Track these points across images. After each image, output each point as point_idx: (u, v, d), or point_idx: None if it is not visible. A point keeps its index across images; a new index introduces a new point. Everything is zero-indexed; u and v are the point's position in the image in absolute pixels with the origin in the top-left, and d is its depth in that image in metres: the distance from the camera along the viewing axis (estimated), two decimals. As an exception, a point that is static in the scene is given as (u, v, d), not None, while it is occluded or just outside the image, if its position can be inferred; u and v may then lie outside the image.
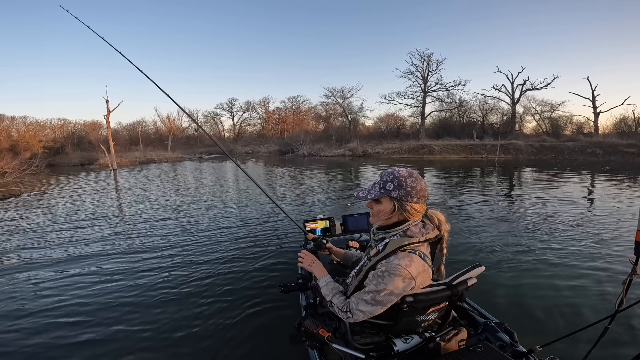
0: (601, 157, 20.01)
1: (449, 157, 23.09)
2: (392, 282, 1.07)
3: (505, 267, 3.64)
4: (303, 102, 47.40)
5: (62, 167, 25.19)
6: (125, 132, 43.90)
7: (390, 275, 1.07)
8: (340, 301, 1.24)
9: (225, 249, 4.45)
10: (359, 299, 1.16)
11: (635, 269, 1.18)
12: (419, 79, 31.83)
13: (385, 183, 1.18)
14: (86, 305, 3.02)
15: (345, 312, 1.20)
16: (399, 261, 1.08)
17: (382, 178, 1.20)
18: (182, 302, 3.01)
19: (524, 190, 9.05)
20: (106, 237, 5.21)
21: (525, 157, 21.63)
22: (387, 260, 1.11)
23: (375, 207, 1.22)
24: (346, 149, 28.55)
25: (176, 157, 33.23)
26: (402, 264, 1.07)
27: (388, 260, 1.11)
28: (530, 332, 2.38)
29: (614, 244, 4.29)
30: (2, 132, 30.04)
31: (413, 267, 1.08)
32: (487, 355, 1.17)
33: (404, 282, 1.07)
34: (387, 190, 1.17)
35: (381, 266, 1.12)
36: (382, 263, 1.12)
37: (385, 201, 1.18)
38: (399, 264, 1.07)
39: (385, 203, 1.18)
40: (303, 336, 1.43)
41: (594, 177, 11.69)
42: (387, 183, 1.17)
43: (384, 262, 1.12)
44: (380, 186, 1.19)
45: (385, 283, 1.08)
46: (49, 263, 4.12)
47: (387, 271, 1.09)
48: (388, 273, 1.08)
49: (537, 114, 31.40)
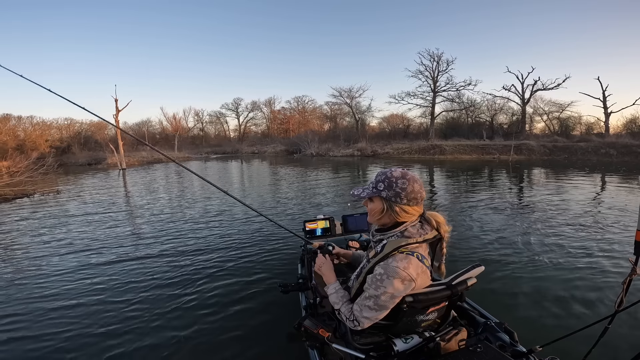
0: (615, 158, 19.80)
1: (460, 158, 22.88)
2: (391, 285, 1.06)
3: (505, 267, 3.62)
4: (308, 101, 47.34)
5: (69, 166, 25.07)
6: (131, 131, 43.89)
7: (389, 277, 1.06)
8: (348, 309, 1.22)
9: (225, 249, 4.42)
10: (362, 306, 1.14)
11: (635, 268, 1.18)
12: (429, 79, 31.66)
13: (377, 183, 1.17)
14: (90, 311, 2.94)
15: (352, 321, 1.18)
16: (396, 263, 1.07)
17: (376, 177, 1.19)
18: (182, 302, 2.99)
19: (535, 191, 8.90)
20: (118, 239, 5.11)
21: (538, 158, 21.41)
22: (385, 263, 1.10)
23: (369, 206, 1.21)
24: (355, 149, 28.38)
25: (183, 156, 33.13)
26: (400, 266, 1.06)
27: (386, 262, 1.10)
28: (530, 332, 2.35)
29: (615, 244, 4.28)
30: (8, 132, 29.97)
31: (411, 269, 1.07)
32: (487, 355, 1.16)
33: (403, 284, 1.06)
34: (378, 190, 1.16)
35: (379, 269, 1.10)
36: (380, 265, 1.11)
37: (376, 200, 1.17)
38: (397, 266, 1.06)
39: (376, 202, 1.18)
40: (303, 336, 1.42)
41: (610, 177, 11.51)
42: (379, 183, 1.16)
43: (382, 265, 1.10)
44: (372, 185, 1.19)
45: (385, 286, 1.07)
46: (71, 267, 3.95)
47: (385, 274, 1.07)
48: (387, 276, 1.07)
49: (544, 114, 31.22)
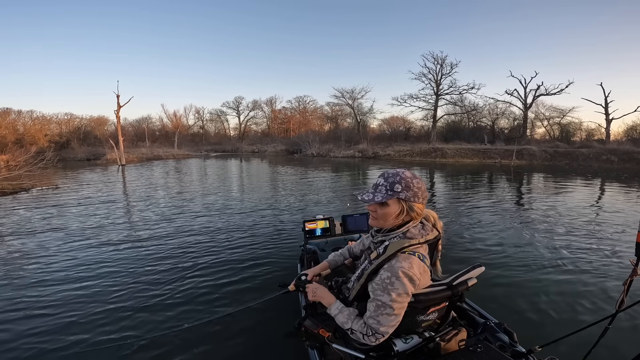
0: (616, 164, 19.77)
1: (461, 161, 22.82)
2: (401, 285, 1.06)
3: (505, 267, 3.63)
4: (309, 102, 47.29)
5: (68, 161, 24.93)
6: (130, 128, 43.70)
7: (398, 279, 1.06)
8: (361, 326, 1.16)
9: (224, 249, 4.39)
10: (379, 316, 1.10)
11: (636, 270, 1.17)
12: (432, 81, 31.60)
13: (393, 185, 1.14)
14: (89, 308, 2.89)
15: (370, 336, 1.12)
16: (400, 264, 1.08)
17: (388, 180, 1.15)
18: (181, 301, 2.96)
19: (537, 195, 8.89)
20: (115, 236, 5.04)
21: (540, 163, 21.37)
22: (390, 265, 1.10)
23: (381, 210, 1.16)
24: (356, 150, 28.30)
25: (182, 154, 33.01)
26: (405, 266, 1.07)
27: (390, 264, 1.10)
28: (530, 332, 2.35)
29: (616, 245, 4.25)
30: (8, 125, 29.76)
31: (415, 269, 1.08)
32: (487, 355, 1.16)
33: (411, 283, 1.07)
34: (396, 192, 1.13)
35: (385, 272, 1.10)
36: (385, 268, 1.11)
37: (392, 203, 1.14)
38: (401, 267, 1.07)
39: (392, 205, 1.15)
40: (303, 336, 1.41)
41: (611, 183, 11.51)
42: (395, 185, 1.14)
43: (387, 268, 1.10)
44: (387, 188, 1.15)
45: (397, 288, 1.06)
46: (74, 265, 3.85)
47: (392, 276, 1.07)
48: (395, 278, 1.07)
49: (545, 119, 31.21)
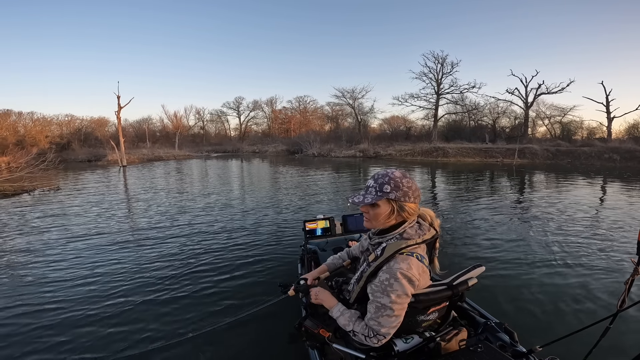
0: (618, 163, 19.75)
1: (463, 160, 22.77)
2: (400, 287, 1.07)
3: (505, 267, 3.62)
4: (310, 102, 47.21)
5: (69, 163, 24.85)
6: (131, 129, 43.64)
7: (397, 280, 1.07)
8: (362, 327, 1.17)
9: (225, 249, 4.39)
10: (380, 317, 1.10)
11: (638, 269, 1.17)
12: (433, 81, 31.55)
13: (382, 185, 1.14)
14: (89, 310, 2.87)
15: (372, 338, 1.13)
16: (399, 265, 1.08)
17: (377, 181, 1.16)
18: (181, 301, 2.98)
19: (539, 194, 8.82)
20: (115, 236, 5.03)
21: (542, 162, 21.32)
22: (388, 267, 1.10)
23: (372, 211, 1.17)
24: (357, 150, 28.25)
25: (183, 154, 32.97)
26: (403, 267, 1.07)
27: (388, 266, 1.10)
28: (530, 332, 2.35)
29: (618, 244, 4.23)
30: (9, 127, 29.75)
31: (414, 270, 1.08)
32: (488, 355, 1.16)
33: (410, 284, 1.08)
34: (385, 192, 1.14)
35: (383, 274, 1.10)
36: (384, 270, 1.11)
37: (382, 204, 1.15)
38: (400, 268, 1.07)
39: (383, 206, 1.15)
40: (303, 336, 1.41)
41: (614, 182, 11.46)
42: (384, 185, 1.14)
43: (385, 269, 1.11)
44: (376, 189, 1.15)
45: (396, 289, 1.07)
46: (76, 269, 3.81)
47: (391, 278, 1.08)
48: (394, 279, 1.07)
49: (546, 118, 31.15)
